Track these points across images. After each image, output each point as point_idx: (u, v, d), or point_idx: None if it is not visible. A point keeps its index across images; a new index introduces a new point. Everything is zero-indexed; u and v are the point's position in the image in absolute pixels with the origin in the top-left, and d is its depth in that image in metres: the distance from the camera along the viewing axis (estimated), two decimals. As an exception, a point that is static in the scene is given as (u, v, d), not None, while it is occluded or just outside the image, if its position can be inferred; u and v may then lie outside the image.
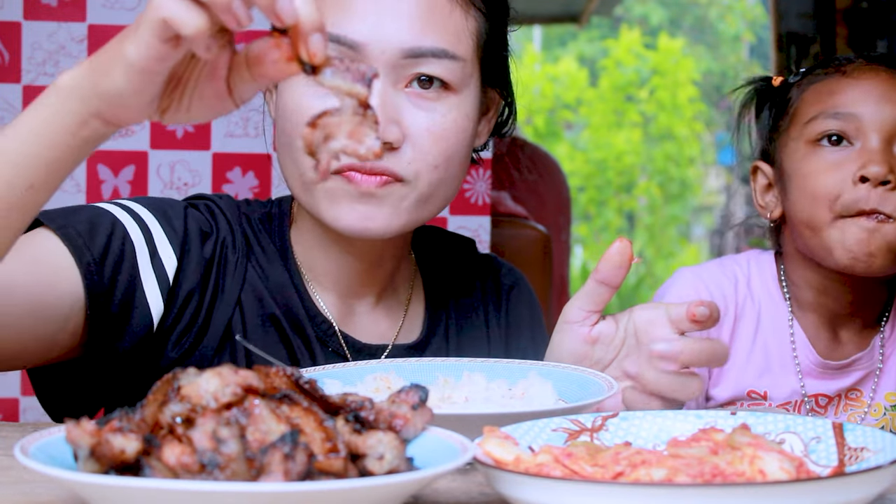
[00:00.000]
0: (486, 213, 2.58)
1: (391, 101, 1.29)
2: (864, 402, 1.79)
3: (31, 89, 2.48)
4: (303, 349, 1.39)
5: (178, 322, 1.34)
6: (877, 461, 0.88)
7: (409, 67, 1.29)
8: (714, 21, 15.18)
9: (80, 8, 2.49)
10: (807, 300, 1.79)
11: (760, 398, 1.77)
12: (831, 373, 1.77)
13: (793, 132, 1.78)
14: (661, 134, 13.51)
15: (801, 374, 1.77)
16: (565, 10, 8.35)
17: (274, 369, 0.87)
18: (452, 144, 1.33)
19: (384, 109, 1.27)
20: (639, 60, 13.74)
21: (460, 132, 1.34)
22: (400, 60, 1.29)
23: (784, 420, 0.99)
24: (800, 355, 1.77)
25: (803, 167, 1.73)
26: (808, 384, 1.77)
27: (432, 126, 1.31)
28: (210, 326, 1.36)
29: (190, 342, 1.35)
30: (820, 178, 1.70)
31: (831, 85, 1.76)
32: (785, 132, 1.81)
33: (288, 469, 0.77)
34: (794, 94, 1.82)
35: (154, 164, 2.53)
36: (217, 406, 0.82)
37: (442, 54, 1.30)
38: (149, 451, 0.80)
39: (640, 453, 0.88)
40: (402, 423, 0.88)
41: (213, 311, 1.36)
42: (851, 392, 1.79)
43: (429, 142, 1.31)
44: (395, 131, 1.28)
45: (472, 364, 1.27)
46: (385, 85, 1.28)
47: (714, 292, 1.79)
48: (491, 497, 0.95)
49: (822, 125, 1.72)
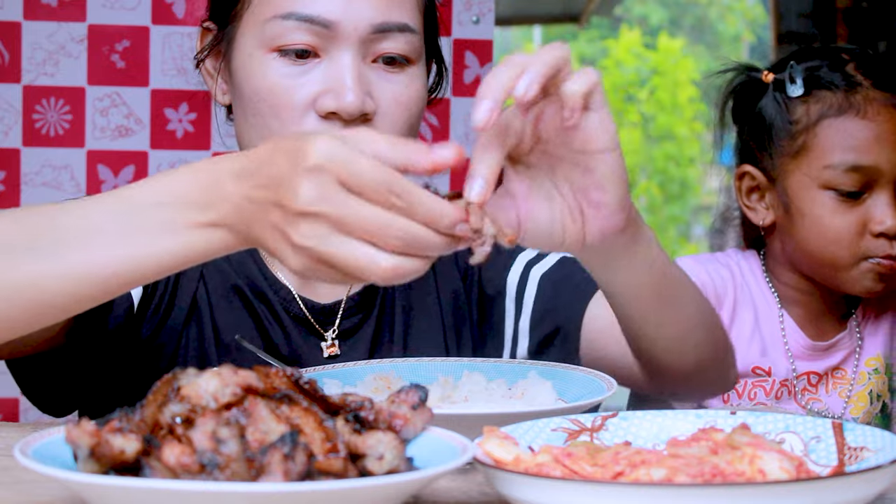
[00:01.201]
0: (486, 213, 2.58)
1: (365, 75, 1.32)
2: (848, 379, 1.94)
3: (31, 89, 2.49)
4: (268, 315, 1.41)
5: (150, 301, 1.37)
6: (876, 461, 0.88)
7: (377, 42, 1.33)
8: (714, 21, 15.18)
9: (80, 8, 2.49)
10: (792, 297, 1.94)
11: (765, 374, 1.90)
12: (819, 353, 1.93)
13: (804, 166, 1.82)
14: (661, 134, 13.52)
15: (793, 357, 1.91)
16: (565, 11, 8.36)
17: (274, 369, 0.87)
18: (415, 114, 1.37)
19: (360, 83, 1.31)
20: (639, 60, 13.76)
21: (421, 101, 1.38)
22: (369, 36, 1.32)
23: (784, 420, 0.99)
24: (789, 340, 1.91)
25: (816, 209, 1.81)
26: (798, 365, 1.91)
27: (399, 96, 1.34)
28: (176, 302, 1.39)
29: (159, 318, 1.37)
30: (836, 225, 1.80)
31: (849, 128, 1.80)
32: (791, 158, 1.83)
33: (288, 469, 0.77)
34: (802, 118, 1.83)
35: (154, 164, 2.53)
36: (217, 406, 0.82)
37: (405, 28, 1.34)
38: (148, 452, 0.80)
39: (640, 453, 0.88)
40: (401, 423, 0.88)
41: (177, 287, 1.39)
42: (837, 371, 1.94)
43: (397, 111, 1.34)
44: (370, 103, 1.32)
45: (472, 364, 1.27)
46: (356, 60, 1.32)
47: (714, 277, 1.91)
48: (491, 497, 0.95)
49: (843, 179, 1.79)
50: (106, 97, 2.53)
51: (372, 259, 0.91)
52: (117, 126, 2.53)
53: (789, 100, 1.84)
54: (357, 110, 1.30)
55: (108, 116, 2.53)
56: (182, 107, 2.56)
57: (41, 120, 2.50)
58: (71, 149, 2.51)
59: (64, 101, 2.50)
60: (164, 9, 2.54)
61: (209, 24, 1.43)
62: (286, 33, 1.31)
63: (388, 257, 0.92)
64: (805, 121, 1.82)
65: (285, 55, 1.32)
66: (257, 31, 1.33)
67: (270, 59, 1.32)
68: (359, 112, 1.30)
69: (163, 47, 2.54)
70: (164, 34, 2.54)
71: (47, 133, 2.50)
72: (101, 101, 2.52)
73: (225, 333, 1.39)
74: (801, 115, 1.83)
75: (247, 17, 1.35)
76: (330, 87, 1.31)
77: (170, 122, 2.55)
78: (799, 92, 1.83)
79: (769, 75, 1.89)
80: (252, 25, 1.34)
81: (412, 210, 0.91)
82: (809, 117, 1.82)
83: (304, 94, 1.31)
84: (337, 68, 1.31)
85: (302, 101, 1.31)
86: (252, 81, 1.34)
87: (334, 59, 1.32)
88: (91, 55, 2.51)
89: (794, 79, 1.85)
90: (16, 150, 2.49)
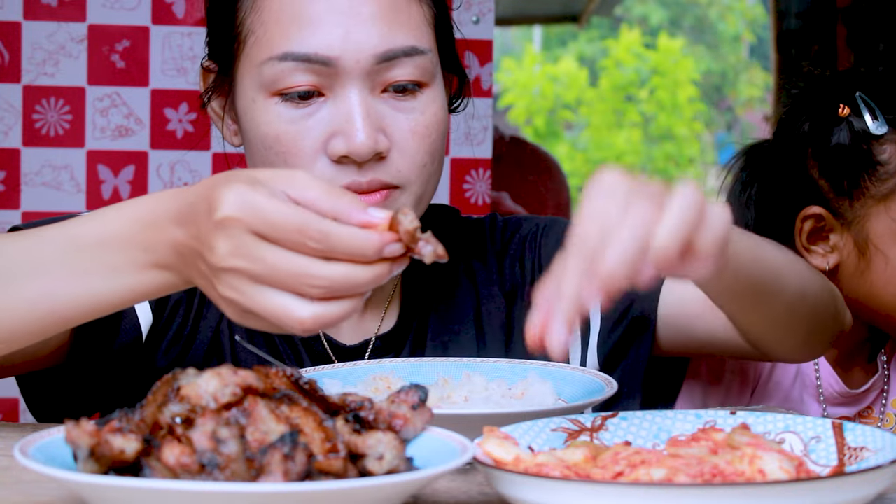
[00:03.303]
0: (487, 213, 2.58)
1: (374, 110, 1.25)
2: (875, 419, 1.85)
3: (31, 89, 2.48)
4: (290, 354, 1.37)
5: (166, 332, 1.33)
6: (876, 461, 0.88)
7: (384, 72, 1.26)
8: (714, 21, 15.18)
9: (80, 8, 2.49)
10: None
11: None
12: (853, 399, 1.84)
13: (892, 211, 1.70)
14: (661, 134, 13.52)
15: (825, 403, 1.82)
16: (565, 11, 8.35)
17: (273, 370, 0.87)
18: (435, 139, 1.30)
19: (369, 121, 1.24)
20: (639, 60, 13.75)
21: (440, 124, 1.31)
22: (374, 67, 1.25)
23: (784, 420, 0.99)
24: (824, 385, 1.82)
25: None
26: (830, 411, 1.82)
27: (415, 126, 1.28)
28: (198, 335, 1.35)
29: (178, 351, 1.33)
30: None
31: None
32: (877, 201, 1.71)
33: (287, 469, 0.77)
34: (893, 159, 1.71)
35: (154, 164, 2.53)
36: (216, 406, 0.82)
37: (413, 51, 1.26)
38: (148, 452, 0.80)
39: (640, 453, 0.88)
40: (401, 423, 0.88)
41: (199, 320, 1.35)
42: (864, 411, 1.86)
43: (413, 143, 1.27)
44: (383, 140, 1.25)
45: (471, 364, 1.27)
46: (363, 95, 1.25)
47: None
48: (491, 497, 0.95)
49: None
50: (106, 97, 2.53)
51: (288, 309, 0.89)
52: (117, 126, 2.53)
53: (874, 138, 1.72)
54: (369, 151, 1.23)
55: (108, 116, 2.53)
56: (182, 107, 2.56)
57: (41, 120, 2.50)
58: (71, 149, 2.51)
59: (64, 101, 2.50)
60: (164, 9, 2.54)
61: (209, 65, 1.36)
62: (285, 76, 1.24)
63: (307, 306, 0.89)
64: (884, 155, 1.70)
65: (288, 99, 1.25)
66: (255, 73, 1.26)
67: (273, 104, 1.26)
68: (371, 153, 1.24)
69: (163, 47, 2.54)
70: (164, 34, 2.54)
71: (47, 133, 2.50)
72: (101, 101, 2.52)
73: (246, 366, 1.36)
74: (890, 155, 1.72)
75: (244, 59, 1.28)
76: (338, 128, 1.24)
77: (170, 122, 2.55)
78: (883, 130, 1.72)
79: (846, 109, 1.73)
80: (250, 68, 1.27)
81: (332, 251, 0.88)
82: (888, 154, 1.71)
83: (313, 139, 1.25)
84: (344, 107, 1.24)
85: (311, 147, 1.25)
86: (257, 128, 1.27)
87: (340, 98, 1.25)
88: (91, 55, 2.51)
89: (875, 115, 1.73)
90: (16, 150, 2.49)
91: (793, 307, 1.28)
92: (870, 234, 1.73)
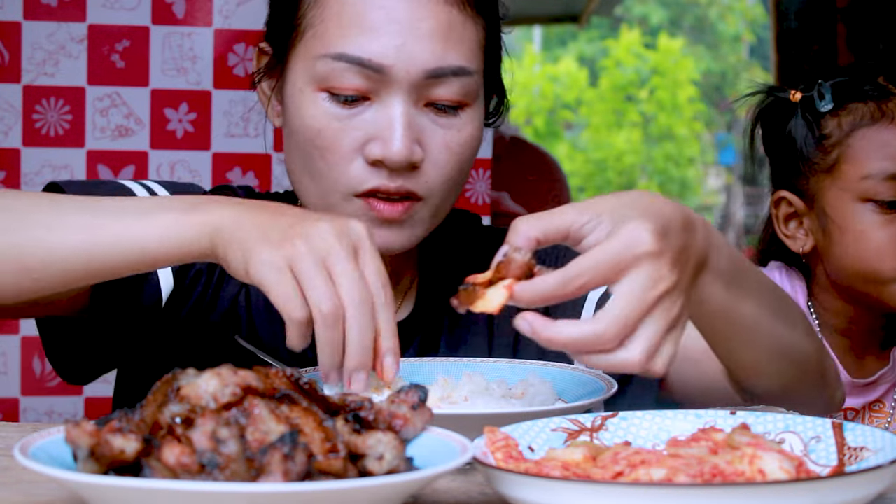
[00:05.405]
0: (487, 213, 2.58)
1: (415, 121, 1.29)
2: (887, 413, 1.86)
3: (31, 89, 2.48)
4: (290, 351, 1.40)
5: (187, 300, 1.37)
6: (876, 461, 0.88)
7: (430, 87, 1.29)
8: (714, 21, 15.18)
9: (80, 8, 2.49)
10: (838, 326, 1.86)
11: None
12: (859, 390, 1.84)
13: (840, 180, 1.76)
14: (661, 134, 13.52)
15: None
16: (565, 11, 8.36)
17: (273, 370, 0.87)
18: (466, 157, 1.34)
19: (409, 131, 1.28)
20: (639, 60, 13.76)
21: (474, 142, 1.35)
22: (422, 81, 1.29)
23: (784, 419, 0.99)
24: None
25: (856, 223, 1.75)
26: None
27: (450, 142, 1.32)
28: (217, 304, 1.39)
29: (197, 318, 1.37)
30: (877, 237, 1.74)
31: (884, 136, 1.74)
32: (826, 174, 1.78)
33: (287, 469, 0.77)
34: (834, 132, 1.78)
35: (154, 164, 2.53)
36: (216, 406, 0.82)
37: (461, 72, 1.30)
38: (148, 452, 0.80)
39: (640, 453, 0.88)
40: (401, 423, 0.88)
41: (220, 290, 1.39)
42: (875, 404, 1.86)
43: (445, 157, 1.31)
44: (418, 151, 1.29)
45: (471, 364, 1.27)
46: (407, 105, 1.29)
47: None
48: (491, 497, 0.95)
49: (882, 189, 1.73)
50: (106, 97, 2.53)
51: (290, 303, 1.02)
52: (117, 126, 2.53)
53: (820, 115, 1.80)
54: (404, 161, 1.27)
55: (108, 116, 2.53)
56: (182, 107, 2.56)
57: (41, 120, 2.50)
58: (71, 149, 2.51)
59: (64, 101, 2.50)
60: (164, 9, 2.54)
61: (265, 47, 1.40)
62: (337, 75, 1.28)
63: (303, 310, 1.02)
64: (837, 133, 1.77)
65: (335, 97, 1.29)
66: (308, 66, 1.31)
67: (320, 98, 1.30)
68: (406, 162, 1.28)
69: (163, 47, 2.54)
70: (164, 34, 2.54)
71: (47, 133, 2.50)
72: (101, 101, 2.52)
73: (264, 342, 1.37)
74: (832, 128, 1.78)
75: (299, 49, 1.33)
76: (378, 133, 1.28)
77: (170, 122, 2.55)
78: (829, 107, 1.79)
79: (797, 94, 1.83)
80: (304, 59, 1.32)
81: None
82: (842, 129, 1.77)
83: (353, 139, 1.29)
84: (386, 115, 1.29)
85: (350, 147, 1.29)
86: (301, 119, 1.32)
87: (385, 104, 1.29)
88: (91, 55, 2.51)
89: (822, 94, 1.80)
90: (16, 150, 2.49)
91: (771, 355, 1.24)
92: (826, 208, 1.79)
